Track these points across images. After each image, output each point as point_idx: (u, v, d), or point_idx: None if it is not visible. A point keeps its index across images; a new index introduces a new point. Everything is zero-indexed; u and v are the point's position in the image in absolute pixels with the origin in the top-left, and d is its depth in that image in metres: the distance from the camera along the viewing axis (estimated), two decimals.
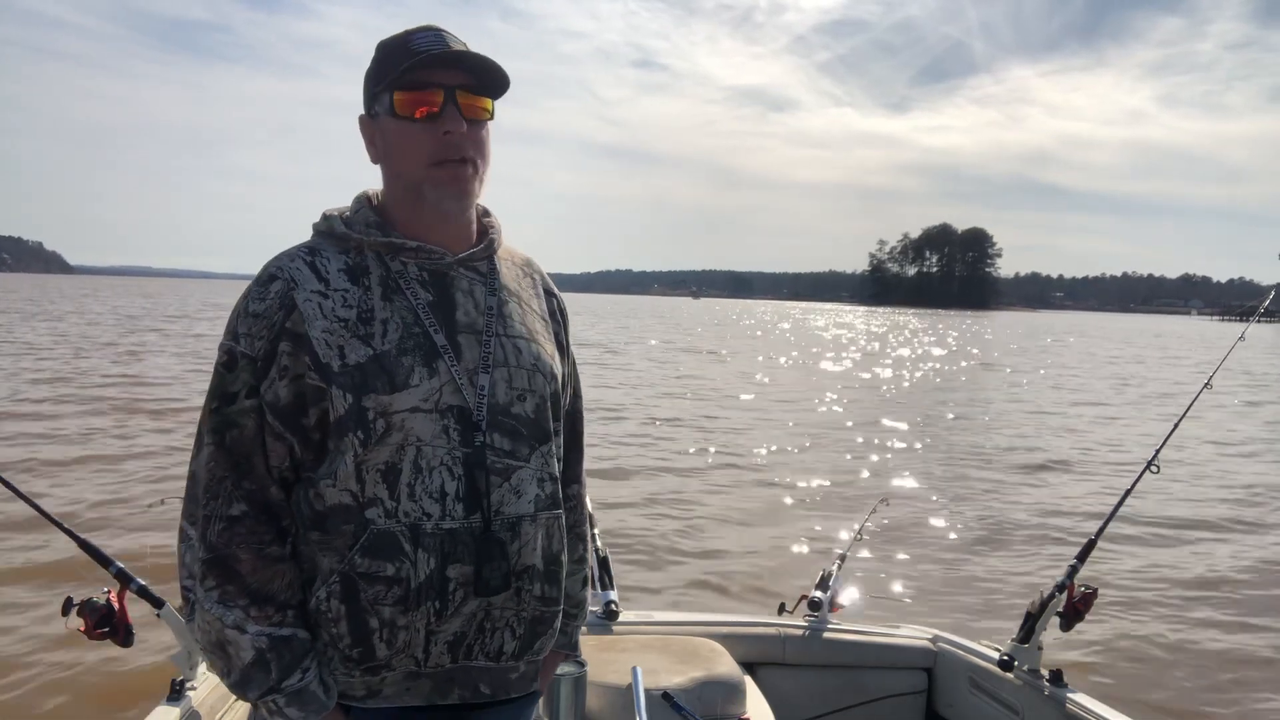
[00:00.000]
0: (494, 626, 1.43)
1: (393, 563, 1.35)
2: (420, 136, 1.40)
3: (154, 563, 6.05)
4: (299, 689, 1.34)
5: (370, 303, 1.39)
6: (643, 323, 61.30)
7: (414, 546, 1.35)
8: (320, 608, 1.37)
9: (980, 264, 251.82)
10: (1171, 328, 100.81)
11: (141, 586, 2.30)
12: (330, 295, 1.38)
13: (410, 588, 1.35)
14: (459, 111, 1.40)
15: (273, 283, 1.38)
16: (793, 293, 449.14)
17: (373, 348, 1.36)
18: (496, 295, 1.50)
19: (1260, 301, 4.05)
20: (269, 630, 1.34)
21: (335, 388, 1.34)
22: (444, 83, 1.39)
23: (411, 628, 1.36)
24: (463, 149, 1.41)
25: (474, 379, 1.41)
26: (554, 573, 1.51)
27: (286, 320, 1.35)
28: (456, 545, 1.37)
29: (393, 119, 1.42)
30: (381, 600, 1.35)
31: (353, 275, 1.41)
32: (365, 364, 1.35)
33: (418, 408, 1.36)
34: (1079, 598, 2.66)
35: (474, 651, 1.42)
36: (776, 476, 10.33)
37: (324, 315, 1.37)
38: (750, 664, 2.94)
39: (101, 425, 11.78)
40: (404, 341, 1.38)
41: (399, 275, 1.43)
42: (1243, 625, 6.04)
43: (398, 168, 1.44)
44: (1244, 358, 32.13)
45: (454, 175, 1.41)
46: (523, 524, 1.44)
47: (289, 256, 1.42)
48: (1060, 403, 19.46)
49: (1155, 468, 2.89)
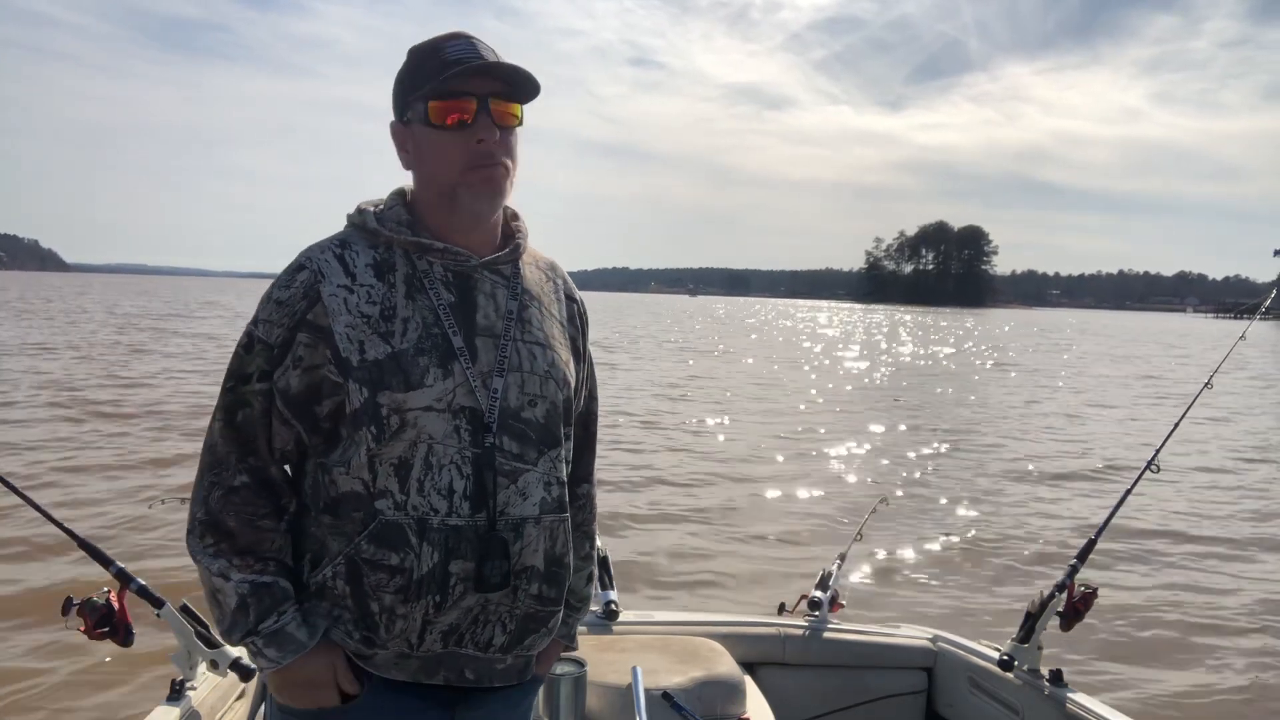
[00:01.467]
0: (487, 620, 1.47)
1: (398, 553, 1.39)
2: (455, 144, 1.43)
3: (154, 563, 6.07)
4: (275, 630, 1.42)
5: (394, 300, 1.43)
6: (640, 320, 61.30)
7: (419, 539, 1.40)
8: (327, 584, 1.44)
9: (976, 262, 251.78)
10: (1169, 325, 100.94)
11: (141, 586, 2.30)
12: (356, 290, 1.42)
13: (412, 579, 1.40)
14: (491, 119, 1.43)
15: (300, 272, 1.43)
16: (790, 290, 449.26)
17: (391, 345, 1.40)
18: (518, 299, 1.53)
19: (1261, 300, 4.05)
20: (251, 578, 1.42)
21: (353, 382, 1.39)
22: (477, 91, 1.42)
23: (410, 617, 1.42)
24: (495, 155, 1.44)
25: (488, 382, 1.45)
26: (555, 574, 1.54)
27: (309, 311, 1.41)
28: (460, 541, 1.41)
29: (426, 126, 1.45)
30: (383, 588, 1.40)
31: (379, 271, 1.45)
32: (383, 361, 1.39)
33: (431, 407, 1.40)
34: (1079, 597, 2.67)
35: (464, 640, 1.47)
36: (777, 476, 10.33)
37: (348, 310, 1.41)
38: (750, 664, 2.95)
39: (101, 425, 11.75)
40: (422, 341, 1.42)
41: (424, 275, 1.46)
42: (1244, 624, 6.05)
43: (432, 173, 1.47)
44: (1247, 356, 32.02)
45: (488, 177, 1.45)
46: (526, 525, 1.48)
47: (320, 248, 1.46)
48: (1073, 404, 19.47)
49: (1155, 467, 2.90)
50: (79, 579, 5.23)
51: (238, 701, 2.53)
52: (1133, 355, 38.48)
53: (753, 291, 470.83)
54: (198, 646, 2.34)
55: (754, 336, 44.85)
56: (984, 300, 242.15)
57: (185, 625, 2.32)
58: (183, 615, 2.32)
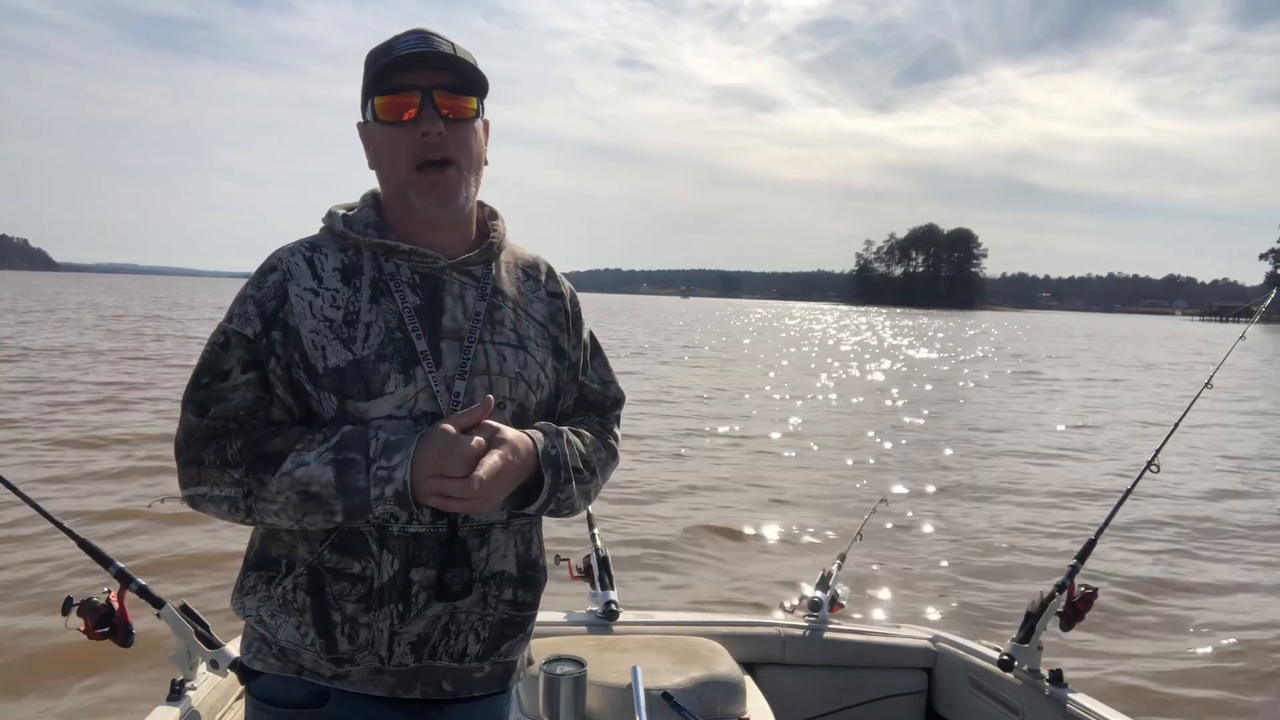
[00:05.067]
0: (459, 629, 1.45)
1: (359, 560, 1.39)
2: (400, 139, 1.41)
3: (154, 562, 6.05)
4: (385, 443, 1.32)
5: (358, 305, 1.41)
6: (631, 324, 61.29)
7: (380, 547, 1.39)
8: (286, 597, 1.41)
9: (966, 264, 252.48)
10: (1159, 328, 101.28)
11: (141, 586, 2.28)
12: (321, 294, 1.41)
13: (373, 587, 1.39)
14: (437, 112, 1.40)
15: (272, 273, 1.43)
16: (781, 292, 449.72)
17: (353, 352, 1.38)
18: (487, 300, 1.50)
19: (1253, 304, 4.07)
20: (315, 446, 1.32)
21: (321, 390, 1.38)
22: (419, 84, 1.40)
23: (374, 626, 1.40)
24: (442, 150, 1.41)
25: (451, 385, 1.41)
26: (530, 578, 1.53)
27: (279, 310, 1.39)
28: (421, 549, 1.40)
29: (378, 124, 1.44)
30: (345, 596, 1.39)
31: (346, 275, 1.43)
32: (344, 368, 1.37)
33: (392, 415, 1.38)
34: (1079, 598, 2.67)
35: (438, 652, 1.45)
36: (777, 476, 10.32)
37: (312, 314, 1.39)
38: (750, 664, 2.94)
39: (100, 424, 11.70)
40: (384, 347, 1.39)
41: (390, 277, 1.44)
42: (1243, 625, 6.07)
43: (385, 172, 1.46)
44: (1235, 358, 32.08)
45: (434, 181, 1.41)
46: (493, 531, 1.46)
47: (290, 250, 1.45)
48: (1074, 405, 19.52)
49: (1155, 467, 2.90)
50: (79, 579, 5.21)
51: (238, 701, 2.52)
52: (1133, 356, 38.55)
53: (744, 293, 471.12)
54: (198, 646, 2.33)
55: (747, 341, 44.83)
56: (974, 303, 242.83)
57: (185, 625, 2.31)
58: (183, 615, 2.31)
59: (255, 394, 1.38)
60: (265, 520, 1.36)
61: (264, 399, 1.39)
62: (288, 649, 1.44)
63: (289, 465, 1.31)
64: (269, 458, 1.33)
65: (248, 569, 1.48)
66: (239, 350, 1.39)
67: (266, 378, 1.39)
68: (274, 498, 1.32)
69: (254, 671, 1.48)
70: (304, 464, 1.31)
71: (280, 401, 1.40)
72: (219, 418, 1.37)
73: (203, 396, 1.38)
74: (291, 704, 1.45)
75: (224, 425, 1.37)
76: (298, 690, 1.44)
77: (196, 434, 1.38)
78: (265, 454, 1.33)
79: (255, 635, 1.48)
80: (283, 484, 1.31)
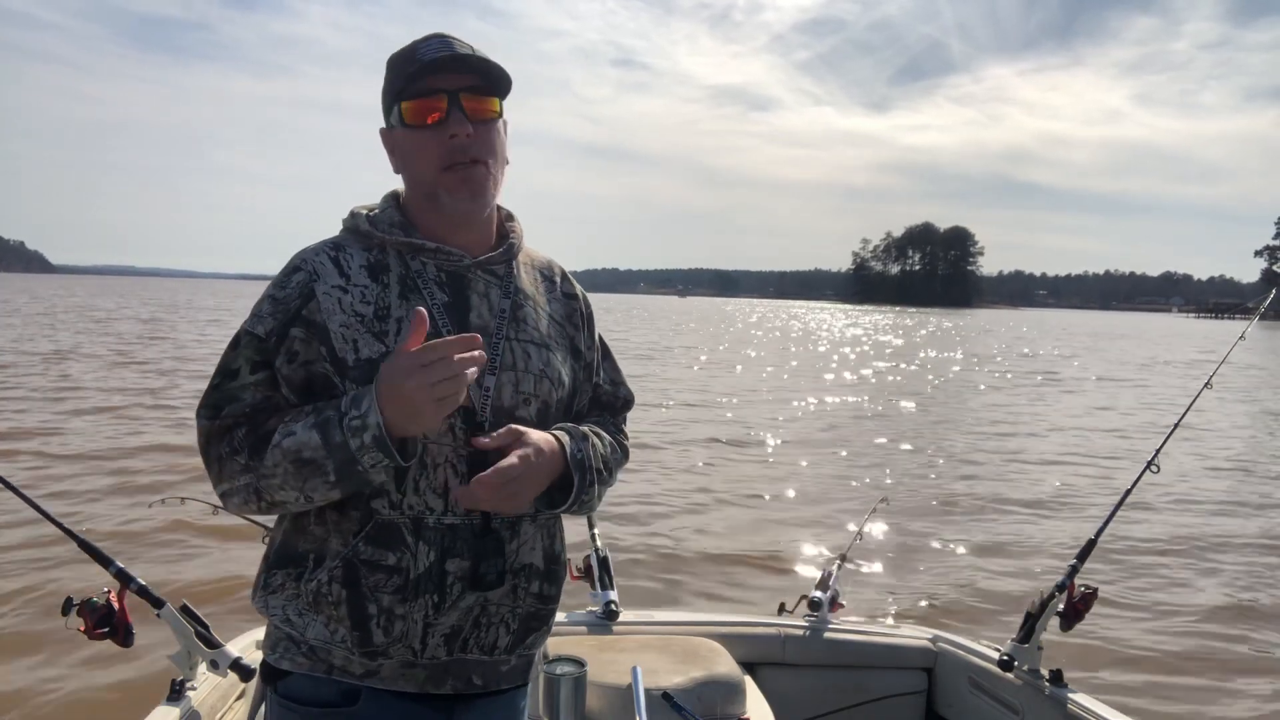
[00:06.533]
0: (489, 621, 1.47)
1: (394, 552, 1.40)
2: (429, 143, 1.44)
3: (154, 561, 6.05)
4: (354, 394, 1.33)
5: (388, 300, 1.44)
6: (631, 322, 61.29)
7: (415, 539, 1.41)
8: (320, 591, 1.42)
9: (963, 262, 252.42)
10: (1157, 325, 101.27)
11: (141, 586, 2.29)
12: (350, 290, 1.43)
13: (409, 578, 1.40)
14: (464, 114, 1.42)
15: (296, 273, 1.44)
16: (778, 291, 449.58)
17: (385, 345, 1.40)
18: (511, 299, 1.53)
19: (1249, 301, 4.07)
20: (304, 418, 1.34)
21: (349, 381, 1.38)
22: (446, 87, 1.43)
23: (409, 618, 1.41)
24: (471, 151, 1.44)
25: (481, 381, 1.44)
26: (554, 571, 1.56)
27: (303, 308, 1.41)
28: (456, 540, 1.42)
29: (404, 129, 1.46)
30: (381, 588, 1.40)
31: (373, 272, 1.46)
32: (377, 360, 1.38)
33: None
34: (1079, 598, 2.68)
35: (469, 645, 1.47)
36: (777, 476, 10.33)
37: (342, 310, 1.41)
38: (750, 664, 2.95)
39: (99, 424, 11.70)
40: None
41: (418, 275, 1.47)
42: (1244, 624, 6.08)
43: (415, 175, 1.48)
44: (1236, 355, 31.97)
45: (464, 178, 1.44)
46: (523, 523, 1.49)
47: (314, 250, 1.47)
48: (1075, 405, 19.53)
49: (1155, 467, 2.90)
50: (79, 579, 5.20)
51: (238, 701, 2.52)
52: (1135, 357, 38.56)
53: (742, 292, 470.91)
54: (198, 646, 2.33)
55: (750, 341, 44.81)
56: (971, 301, 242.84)
57: (185, 625, 2.32)
58: (183, 615, 2.32)
59: (264, 393, 1.40)
60: (276, 498, 1.37)
61: (272, 398, 1.41)
62: (317, 647, 1.44)
63: (278, 438, 1.34)
64: (265, 437, 1.36)
65: (271, 566, 1.48)
66: (248, 350, 1.41)
67: (274, 378, 1.41)
68: (273, 471, 1.34)
69: (281, 671, 1.47)
70: (291, 433, 1.33)
71: (285, 401, 1.41)
72: (231, 416, 1.39)
73: (216, 398, 1.41)
74: (321, 703, 1.45)
75: (235, 423, 1.39)
76: (327, 689, 1.44)
77: (213, 435, 1.40)
78: (263, 435, 1.36)
79: (281, 634, 1.47)
80: (276, 456, 1.33)
